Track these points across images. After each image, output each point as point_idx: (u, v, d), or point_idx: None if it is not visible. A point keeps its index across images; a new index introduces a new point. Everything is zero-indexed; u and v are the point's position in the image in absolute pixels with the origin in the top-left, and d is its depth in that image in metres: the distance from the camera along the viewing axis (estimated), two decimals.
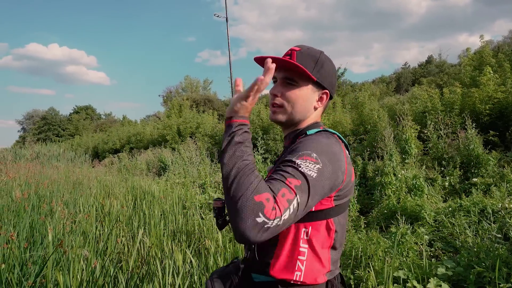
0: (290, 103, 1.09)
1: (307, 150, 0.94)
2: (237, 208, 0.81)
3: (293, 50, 1.09)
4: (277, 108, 1.11)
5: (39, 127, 44.19)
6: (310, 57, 1.09)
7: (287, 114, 1.11)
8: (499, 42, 20.33)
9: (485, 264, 2.57)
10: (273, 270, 1.00)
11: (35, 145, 19.21)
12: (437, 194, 5.18)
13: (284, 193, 0.84)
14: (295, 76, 1.08)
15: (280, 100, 1.10)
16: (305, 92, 1.10)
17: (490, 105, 7.57)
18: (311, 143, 0.97)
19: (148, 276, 2.74)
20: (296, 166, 0.89)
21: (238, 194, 0.82)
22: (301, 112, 1.11)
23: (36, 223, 3.32)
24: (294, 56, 1.07)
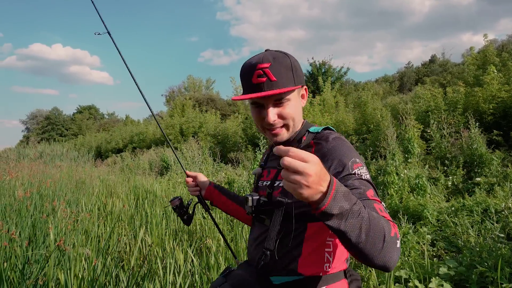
0: (290, 119, 1.08)
1: (351, 158, 0.97)
2: (386, 252, 0.77)
3: (263, 68, 1.03)
4: (279, 129, 1.09)
5: (42, 127, 44.42)
6: (284, 68, 1.05)
7: (291, 128, 1.11)
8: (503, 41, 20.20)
9: (488, 264, 2.55)
10: (302, 268, 1.02)
11: (39, 145, 19.31)
12: (439, 194, 5.16)
13: (380, 208, 0.87)
14: (283, 95, 1.05)
15: (280, 121, 1.08)
16: (295, 101, 1.09)
17: (493, 105, 7.52)
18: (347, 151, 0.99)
19: (149, 275, 2.74)
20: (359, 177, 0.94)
21: (378, 246, 0.77)
22: (299, 119, 1.13)
23: (38, 222, 3.34)
24: (270, 75, 1.03)
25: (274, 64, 1.04)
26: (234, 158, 9.93)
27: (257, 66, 1.04)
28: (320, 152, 1.00)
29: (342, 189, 0.75)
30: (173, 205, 1.54)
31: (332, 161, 0.97)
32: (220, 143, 13.04)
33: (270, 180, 1.13)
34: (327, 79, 14.56)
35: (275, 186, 1.10)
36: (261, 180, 1.20)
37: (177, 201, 1.53)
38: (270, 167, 1.20)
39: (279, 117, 1.07)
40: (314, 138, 1.08)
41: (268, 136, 1.12)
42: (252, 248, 1.15)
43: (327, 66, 20.66)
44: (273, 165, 1.18)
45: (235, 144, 12.20)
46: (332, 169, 0.96)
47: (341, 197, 0.74)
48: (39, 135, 40.76)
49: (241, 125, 12.98)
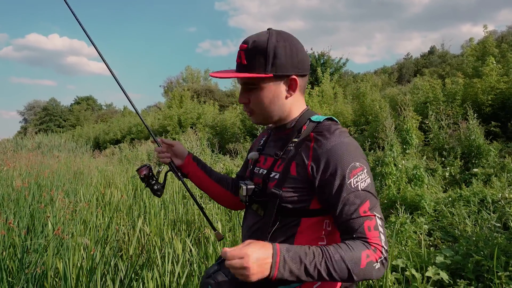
0: (258, 106, 1.05)
1: (350, 163, 0.94)
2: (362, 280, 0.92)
3: (241, 49, 1.02)
4: (250, 113, 1.09)
5: (40, 118, 44.22)
6: (257, 52, 1.00)
7: (261, 116, 1.08)
8: (503, 32, 20.09)
9: (484, 253, 2.58)
10: None
11: (36, 136, 19.24)
12: (437, 184, 5.18)
13: (369, 226, 0.91)
14: (252, 79, 1.02)
15: (249, 106, 1.07)
16: (268, 91, 1.03)
17: (492, 96, 7.52)
18: (347, 154, 0.95)
19: (148, 264, 2.76)
20: (354, 189, 0.93)
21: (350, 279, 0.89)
22: (275, 110, 1.06)
23: (36, 212, 3.34)
24: (243, 58, 1.01)
25: (250, 47, 1.01)
26: (233, 149, 9.93)
27: (240, 46, 1.04)
28: (317, 152, 0.96)
29: (289, 254, 0.86)
30: (140, 174, 1.35)
31: (329, 166, 0.94)
32: (219, 134, 13.03)
33: (267, 169, 1.09)
34: (325, 70, 14.53)
35: (270, 177, 1.05)
36: (257, 166, 1.15)
37: (145, 170, 1.35)
38: (268, 154, 1.14)
39: (249, 103, 1.07)
40: (315, 129, 1.03)
41: None
42: (247, 236, 1.12)
43: (326, 57, 20.55)
44: (270, 153, 1.12)
45: (233, 135, 12.19)
46: (329, 175, 0.94)
47: (289, 262, 0.85)
48: (37, 126, 40.60)
49: (239, 116, 12.95)
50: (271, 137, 1.18)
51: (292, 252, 0.87)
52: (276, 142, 1.13)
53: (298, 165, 0.99)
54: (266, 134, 1.25)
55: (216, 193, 1.36)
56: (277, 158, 1.06)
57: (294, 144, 1.03)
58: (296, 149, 1.01)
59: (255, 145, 1.28)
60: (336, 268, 0.86)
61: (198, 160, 1.36)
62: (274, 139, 1.15)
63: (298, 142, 1.02)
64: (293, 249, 0.88)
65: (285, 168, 1.01)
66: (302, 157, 0.99)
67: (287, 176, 1.00)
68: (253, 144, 1.34)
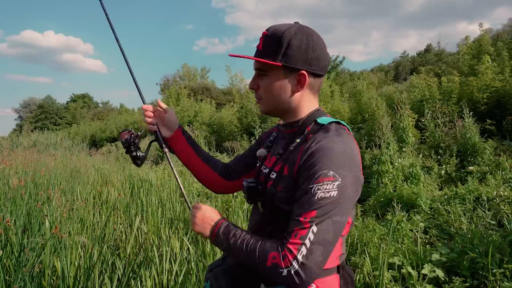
0: (266, 94, 1.05)
1: (323, 169, 0.88)
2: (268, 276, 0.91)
3: (262, 36, 1.03)
4: (258, 100, 1.09)
5: (36, 116, 43.94)
6: (273, 39, 1.00)
7: (268, 105, 1.07)
8: (499, 31, 20.20)
9: (479, 250, 2.61)
10: None
11: (32, 134, 19.13)
12: (433, 182, 5.22)
13: (297, 233, 0.87)
14: (264, 66, 1.02)
15: (259, 93, 1.07)
16: (276, 80, 1.02)
17: (487, 94, 7.57)
18: (326, 159, 0.89)
19: (145, 263, 2.76)
20: (312, 195, 0.88)
21: (259, 271, 0.92)
22: (282, 103, 1.04)
23: (33, 211, 3.33)
24: (261, 43, 1.03)
25: (269, 34, 1.02)
26: (230, 147, 9.93)
27: (262, 33, 1.05)
28: (307, 151, 0.93)
29: (224, 230, 0.99)
30: (122, 138, 1.25)
31: (306, 166, 0.92)
32: (215, 132, 13.02)
33: (269, 168, 1.08)
34: None
35: (270, 176, 1.05)
36: (264, 164, 1.14)
37: (127, 134, 1.25)
38: (273, 153, 1.12)
39: (259, 89, 1.07)
40: (316, 131, 1.00)
41: None
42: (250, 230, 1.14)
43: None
44: (275, 152, 1.10)
45: (230, 133, 12.19)
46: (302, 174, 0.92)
47: (221, 235, 0.98)
48: (33, 123, 40.31)
49: (236, 114, 12.94)
50: (280, 135, 1.17)
51: (228, 229, 0.98)
52: (283, 141, 1.12)
53: (289, 165, 0.99)
54: (277, 130, 1.22)
55: (202, 173, 1.30)
56: (278, 158, 1.06)
57: (295, 144, 1.03)
58: (295, 149, 1.01)
59: (264, 141, 1.25)
60: (248, 256, 0.92)
61: (188, 134, 1.29)
62: (282, 137, 1.14)
63: (298, 143, 1.02)
64: (231, 228, 0.98)
65: (281, 168, 1.02)
66: (294, 157, 0.98)
67: (281, 176, 1.01)
68: (261, 138, 1.30)
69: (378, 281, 2.38)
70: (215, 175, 1.30)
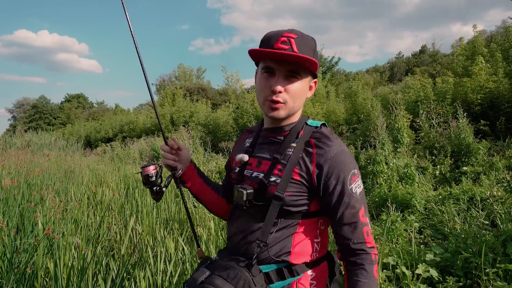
0: (293, 98, 1.04)
1: (351, 169, 1.03)
2: None
3: (289, 37, 1.01)
4: (280, 104, 1.04)
5: (29, 116, 43.55)
6: (308, 46, 1.03)
7: (289, 109, 1.06)
8: (492, 32, 20.37)
9: (472, 250, 2.62)
10: (294, 259, 1.05)
11: (26, 134, 18.97)
12: (427, 183, 5.25)
13: (367, 232, 1.04)
14: (300, 69, 1.02)
15: (284, 96, 1.03)
16: (305, 85, 1.06)
17: (481, 95, 7.63)
18: (348, 161, 1.03)
19: (140, 263, 2.74)
20: (354, 194, 1.02)
21: None
22: (300, 106, 1.08)
23: (26, 211, 3.30)
24: (294, 45, 1.00)
25: (301, 39, 1.02)
26: (225, 147, 9.91)
27: (283, 34, 1.02)
28: (321, 158, 1.01)
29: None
30: (147, 172, 1.22)
31: (332, 173, 1.01)
32: (211, 133, 12.99)
33: (265, 173, 1.07)
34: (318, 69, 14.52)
35: (271, 181, 1.05)
36: (248, 169, 1.13)
37: (153, 170, 1.23)
38: (262, 157, 1.12)
39: (284, 91, 1.03)
40: (313, 135, 1.06)
41: (265, 109, 1.07)
42: (238, 238, 1.11)
43: (318, 56, 20.59)
44: (265, 156, 1.11)
45: (226, 133, 12.17)
46: (332, 181, 1.01)
47: None
48: (26, 124, 39.97)
49: (232, 114, 12.92)
50: (262, 139, 1.17)
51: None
52: (270, 145, 1.12)
53: (302, 170, 1.03)
54: (252, 136, 1.23)
55: (213, 202, 1.33)
56: (276, 162, 1.06)
57: (293, 149, 1.05)
58: (297, 154, 1.04)
59: (240, 147, 1.25)
60: None
61: (197, 167, 1.33)
62: (267, 142, 1.14)
63: (297, 147, 1.05)
64: None
65: (287, 173, 1.03)
66: (305, 162, 1.03)
67: (289, 181, 1.02)
68: (235, 147, 1.31)
69: None
70: (223, 201, 1.33)
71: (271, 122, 1.12)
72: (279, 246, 1.04)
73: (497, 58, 8.27)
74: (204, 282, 0.99)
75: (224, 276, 0.99)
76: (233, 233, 1.14)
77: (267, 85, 1.04)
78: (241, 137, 1.30)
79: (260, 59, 1.07)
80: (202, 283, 0.99)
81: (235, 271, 0.99)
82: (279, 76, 1.02)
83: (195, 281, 1.00)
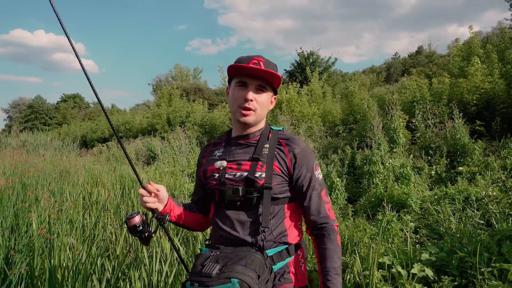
0: (261, 107, 1.29)
1: (313, 161, 1.31)
2: None
3: (259, 60, 1.28)
4: (250, 111, 1.27)
5: (25, 116, 43.26)
6: (274, 67, 1.30)
7: (257, 116, 1.30)
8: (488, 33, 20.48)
9: (467, 250, 2.63)
10: (290, 239, 1.27)
11: (21, 134, 18.85)
12: (423, 183, 5.26)
13: (329, 208, 1.30)
14: (266, 84, 1.29)
15: (255, 104, 1.27)
16: (269, 98, 1.33)
17: (477, 95, 7.66)
18: (311, 154, 1.32)
19: (135, 264, 2.73)
20: (318, 179, 1.30)
21: None
22: (264, 114, 1.34)
23: (20, 212, 3.28)
24: (262, 65, 1.26)
25: (268, 61, 1.30)
26: None
27: (254, 57, 1.28)
28: (293, 153, 1.28)
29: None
30: (133, 223, 1.22)
31: (302, 163, 1.28)
32: (208, 133, 12.97)
33: (248, 171, 1.25)
34: (315, 69, 14.56)
35: (257, 176, 1.23)
36: (229, 172, 1.29)
37: (139, 220, 1.23)
38: (240, 160, 1.30)
39: (255, 101, 1.27)
40: (280, 136, 1.32)
41: (238, 115, 1.28)
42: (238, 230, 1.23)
43: (315, 56, 20.63)
44: (243, 158, 1.30)
45: (222, 133, 12.14)
46: (303, 170, 1.28)
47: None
48: (22, 124, 39.72)
49: (228, 114, 12.91)
50: (234, 146, 1.35)
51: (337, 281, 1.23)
52: (245, 148, 1.32)
53: (280, 164, 1.27)
54: (219, 147, 1.40)
55: (192, 221, 1.46)
56: (256, 160, 1.26)
57: (268, 149, 1.29)
58: (272, 152, 1.28)
59: (211, 158, 1.39)
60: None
61: (175, 199, 1.42)
62: (241, 147, 1.34)
63: (271, 147, 1.29)
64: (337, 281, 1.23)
65: (269, 167, 1.25)
66: (281, 157, 1.28)
67: (272, 173, 1.24)
68: (203, 160, 1.44)
69: (368, 280, 2.38)
70: (200, 216, 1.48)
71: (241, 129, 1.34)
72: (278, 230, 1.25)
73: (492, 59, 8.31)
74: (223, 272, 1.05)
75: (243, 263, 1.08)
76: (230, 227, 1.25)
77: (241, 95, 1.27)
78: (206, 150, 1.46)
79: (235, 75, 1.29)
80: (221, 274, 1.04)
81: (251, 257, 1.11)
82: (250, 88, 1.27)
83: (208, 275, 1.05)
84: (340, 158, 6.26)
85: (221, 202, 1.28)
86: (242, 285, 1.02)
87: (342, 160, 6.23)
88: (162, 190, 1.33)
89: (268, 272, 1.13)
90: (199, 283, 1.05)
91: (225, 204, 1.27)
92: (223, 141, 1.41)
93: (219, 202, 1.29)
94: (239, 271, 1.05)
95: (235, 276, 1.03)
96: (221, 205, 1.29)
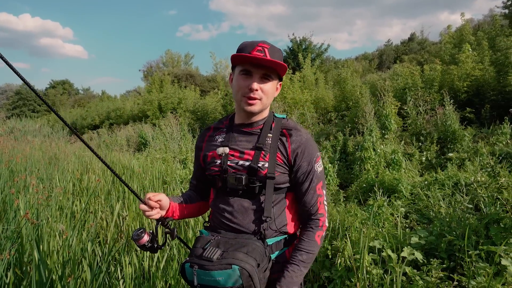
0: (266, 95, 1.26)
1: (315, 153, 1.29)
2: None
3: (263, 47, 1.22)
4: (256, 100, 1.24)
5: (13, 102, 42.39)
6: (278, 56, 1.24)
7: (262, 105, 1.26)
8: (479, 21, 20.52)
9: (456, 233, 2.67)
10: (290, 229, 1.30)
11: (9, 121, 18.50)
12: (414, 169, 5.31)
13: (320, 201, 1.29)
14: (272, 73, 1.25)
15: (260, 93, 1.24)
16: (274, 86, 1.29)
17: (467, 82, 7.70)
18: (314, 146, 1.30)
19: (126, 249, 2.72)
20: (316, 171, 1.28)
21: None
22: (269, 102, 1.31)
23: (8, 198, 3.22)
24: (267, 53, 1.21)
25: (273, 48, 1.24)
26: None
27: (258, 44, 1.22)
28: (296, 144, 1.26)
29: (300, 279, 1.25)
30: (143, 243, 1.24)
31: (303, 154, 1.26)
32: (200, 119, 12.87)
33: (251, 160, 1.24)
34: (307, 56, 14.48)
35: (259, 166, 1.23)
36: (231, 160, 1.27)
37: (147, 238, 1.25)
38: (243, 148, 1.28)
39: (259, 90, 1.23)
40: (284, 126, 1.30)
41: (243, 104, 1.25)
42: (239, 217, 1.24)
43: (307, 42, 20.48)
44: (246, 147, 1.28)
45: (214, 120, 12.07)
46: (303, 161, 1.26)
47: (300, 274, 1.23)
48: (10, 110, 38.96)
49: (220, 101, 12.81)
50: (237, 133, 1.32)
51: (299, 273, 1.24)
52: (248, 137, 1.30)
53: (282, 154, 1.26)
54: (221, 133, 1.37)
55: (192, 212, 1.46)
56: (260, 150, 1.25)
57: (271, 138, 1.28)
58: (275, 142, 1.26)
59: (211, 143, 1.36)
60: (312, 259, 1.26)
61: (174, 198, 1.40)
62: (243, 134, 1.31)
63: (274, 136, 1.28)
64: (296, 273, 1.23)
65: (272, 157, 1.24)
66: (284, 148, 1.26)
67: (275, 163, 1.24)
68: (203, 144, 1.40)
69: (358, 264, 2.41)
70: (201, 203, 1.49)
71: (245, 117, 1.31)
72: (279, 220, 1.27)
73: (483, 47, 8.33)
74: (225, 258, 1.09)
75: (244, 250, 1.11)
76: (231, 214, 1.26)
77: (245, 84, 1.23)
78: (205, 134, 1.42)
79: (239, 63, 1.25)
80: (222, 259, 1.09)
81: (252, 245, 1.14)
82: (255, 78, 1.23)
83: (209, 259, 1.10)
84: (332, 145, 6.28)
85: (223, 188, 1.28)
86: (243, 272, 1.06)
87: (334, 147, 6.25)
88: (163, 200, 1.29)
89: (267, 261, 1.16)
90: (199, 266, 1.10)
91: (226, 191, 1.27)
92: (224, 126, 1.38)
93: (221, 188, 1.29)
94: (240, 258, 1.08)
95: (236, 263, 1.07)
96: (223, 192, 1.29)
